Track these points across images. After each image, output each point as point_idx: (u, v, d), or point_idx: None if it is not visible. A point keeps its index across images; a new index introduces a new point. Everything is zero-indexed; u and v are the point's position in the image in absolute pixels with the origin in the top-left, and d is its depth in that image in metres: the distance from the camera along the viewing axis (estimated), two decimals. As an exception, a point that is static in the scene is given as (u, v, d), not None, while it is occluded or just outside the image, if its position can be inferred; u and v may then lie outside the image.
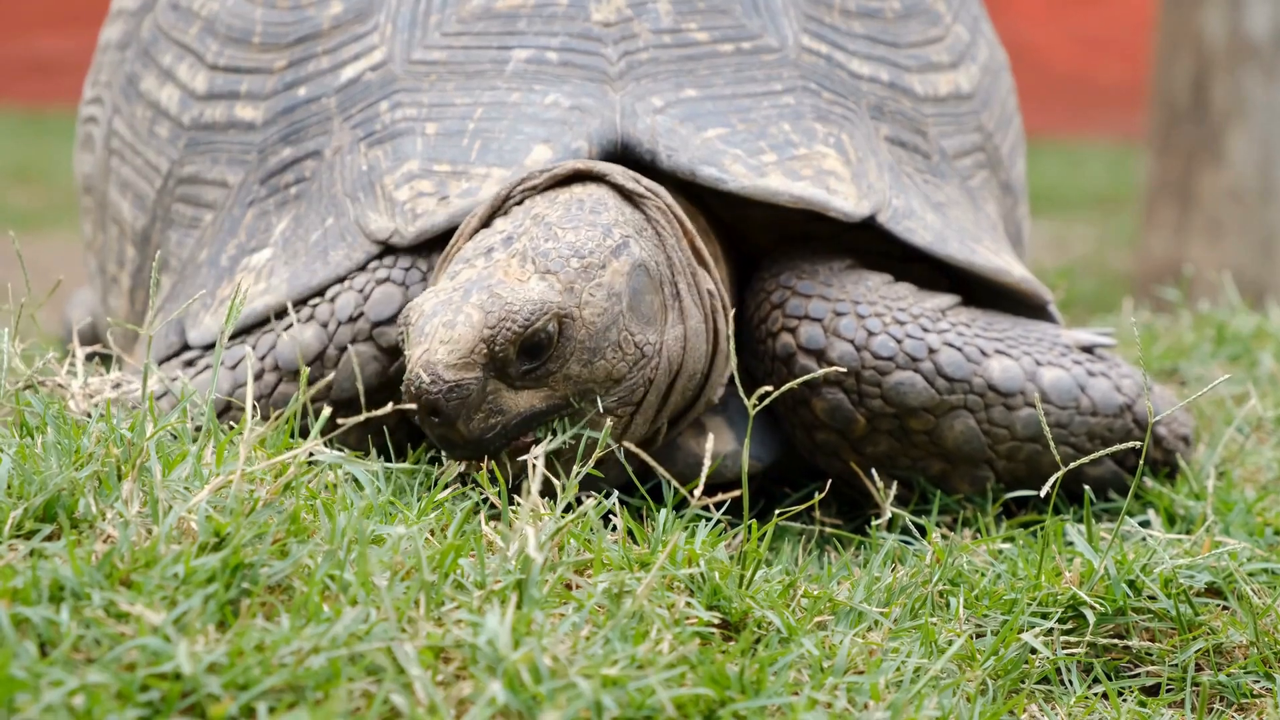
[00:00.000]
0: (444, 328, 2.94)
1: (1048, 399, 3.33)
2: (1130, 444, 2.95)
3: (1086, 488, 3.15)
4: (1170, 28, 8.45)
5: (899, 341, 3.32)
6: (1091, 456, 2.93)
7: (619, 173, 3.19)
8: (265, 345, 3.26)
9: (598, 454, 2.96)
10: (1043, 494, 3.03)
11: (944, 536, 3.18)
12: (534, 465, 2.71)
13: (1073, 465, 2.99)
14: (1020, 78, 4.43)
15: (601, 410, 3.05)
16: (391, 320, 3.23)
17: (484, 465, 2.97)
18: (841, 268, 3.41)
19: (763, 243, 3.50)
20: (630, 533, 2.87)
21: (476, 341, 2.94)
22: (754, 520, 2.83)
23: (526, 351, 2.97)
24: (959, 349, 3.33)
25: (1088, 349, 3.43)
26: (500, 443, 2.98)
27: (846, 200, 3.35)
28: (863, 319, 3.32)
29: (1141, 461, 3.03)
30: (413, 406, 2.95)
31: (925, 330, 3.33)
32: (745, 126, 3.38)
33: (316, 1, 3.51)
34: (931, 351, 3.32)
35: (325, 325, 3.24)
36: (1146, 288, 8.24)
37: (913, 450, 3.34)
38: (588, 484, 3.08)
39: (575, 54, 3.40)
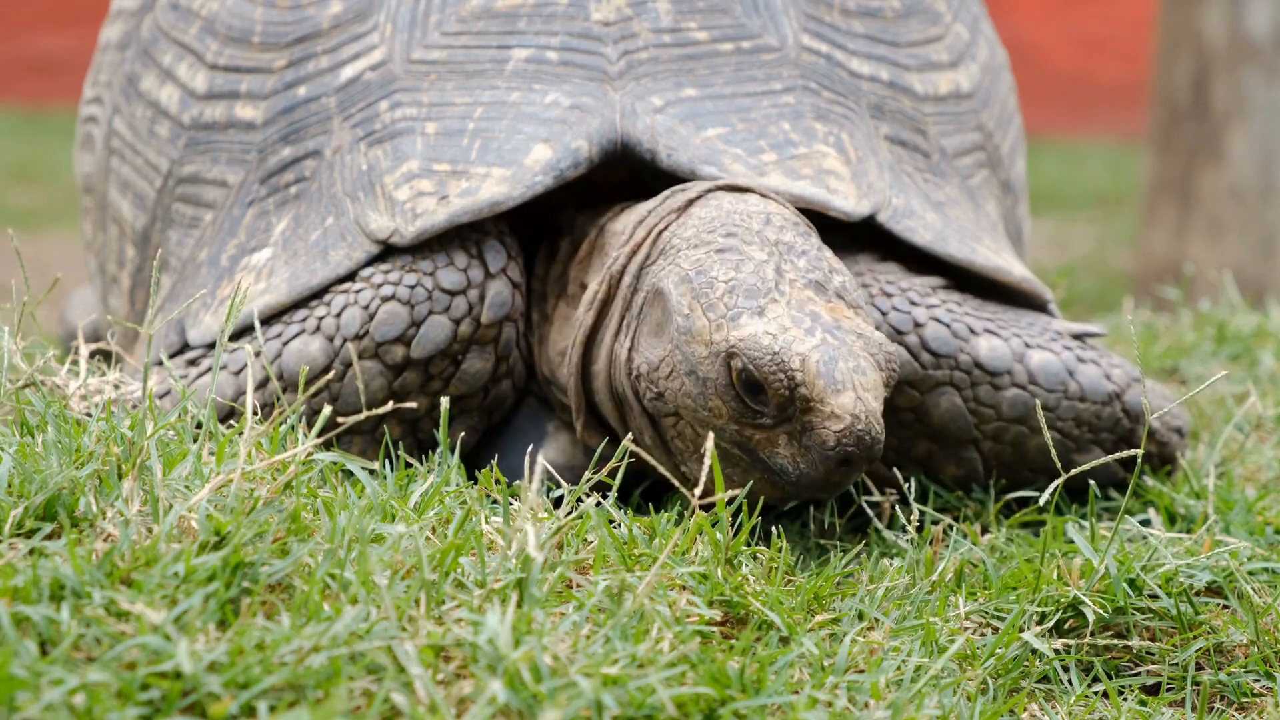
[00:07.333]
0: (856, 374, 2.94)
1: (1035, 381, 3.32)
2: (1131, 451, 2.94)
3: (1092, 483, 3.12)
4: (1170, 27, 8.45)
5: (884, 314, 3.30)
6: (1091, 463, 2.94)
7: (758, 187, 3.24)
8: (271, 352, 3.24)
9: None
10: (1042, 501, 3.02)
11: (944, 533, 3.17)
12: (530, 460, 2.70)
13: (1078, 469, 2.99)
14: (1020, 77, 4.42)
15: None
16: (397, 340, 3.21)
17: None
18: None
19: None
20: (631, 531, 2.87)
21: (882, 386, 2.97)
22: (758, 519, 2.83)
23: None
24: (946, 324, 3.32)
25: (1078, 337, 3.42)
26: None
27: (846, 200, 3.35)
28: None
29: (1140, 459, 3.02)
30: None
31: (913, 304, 3.32)
32: (745, 126, 3.37)
33: (316, 1, 3.51)
34: (917, 325, 3.30)
35: (331, 340, 3.22)
36: (1147, 287, 8.24)
37: (899, 430, 3.32)
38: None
39: (575, 53, 3.40)
